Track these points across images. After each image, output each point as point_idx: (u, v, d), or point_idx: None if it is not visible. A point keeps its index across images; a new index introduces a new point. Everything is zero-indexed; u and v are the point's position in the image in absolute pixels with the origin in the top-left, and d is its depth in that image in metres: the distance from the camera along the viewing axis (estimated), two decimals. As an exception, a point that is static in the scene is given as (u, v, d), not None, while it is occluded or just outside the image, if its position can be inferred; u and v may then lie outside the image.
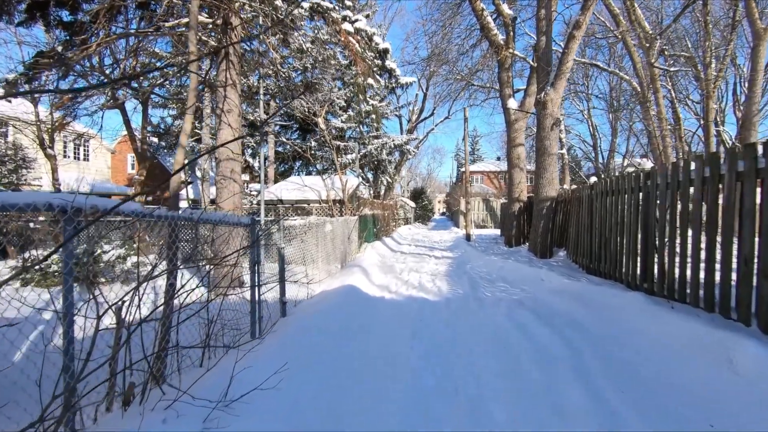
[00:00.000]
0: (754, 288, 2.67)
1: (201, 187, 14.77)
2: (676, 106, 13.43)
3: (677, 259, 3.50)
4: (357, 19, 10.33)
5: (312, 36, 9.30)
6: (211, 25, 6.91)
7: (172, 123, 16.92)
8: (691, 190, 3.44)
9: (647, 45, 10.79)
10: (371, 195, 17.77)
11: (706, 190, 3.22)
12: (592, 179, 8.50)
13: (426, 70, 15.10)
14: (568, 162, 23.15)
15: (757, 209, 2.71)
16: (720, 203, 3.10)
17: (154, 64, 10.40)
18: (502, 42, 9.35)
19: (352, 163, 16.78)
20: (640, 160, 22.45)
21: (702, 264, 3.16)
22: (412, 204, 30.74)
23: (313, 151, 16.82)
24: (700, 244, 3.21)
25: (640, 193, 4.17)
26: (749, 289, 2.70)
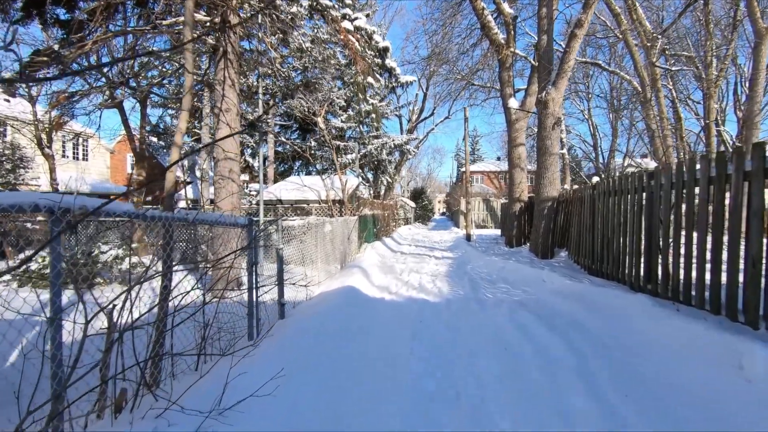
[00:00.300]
0: (762, 290, 2.61)
1: (200, 187, 14.70)
2: (677, 106, 13.37)
3: (682, 260, 3.44)
4: (357, 18, 10.28)
5: (312, 35, 9.23)
6: (209, 24, 6.85)
7: (171, 122, 16.85)
8: (696, 190, 3.39)
9: (648, 44, 10.71)
10: (371, 195, 17.70)
11: (712, 189, 3.16)
12: (594, 179, 8.44)
13: (426, 69, 15.05)
14: (569, 162, 23.08)
15: (766, 209, 2.66)
16: (726, 203, 3.05)
17: (152, 62, 10.32)
18: (503, 41, 9.30)
19: (351, 163, 16.71)
20: (641, 160, 22.39)
21: (708, 265, 3.11)
22: (412, 204, 30.69)
23: (312, 151, 16.74)
24: (706, 245, 3.15)
25: (644, 193, 4.12)
26: (757, 291, 2.64)
